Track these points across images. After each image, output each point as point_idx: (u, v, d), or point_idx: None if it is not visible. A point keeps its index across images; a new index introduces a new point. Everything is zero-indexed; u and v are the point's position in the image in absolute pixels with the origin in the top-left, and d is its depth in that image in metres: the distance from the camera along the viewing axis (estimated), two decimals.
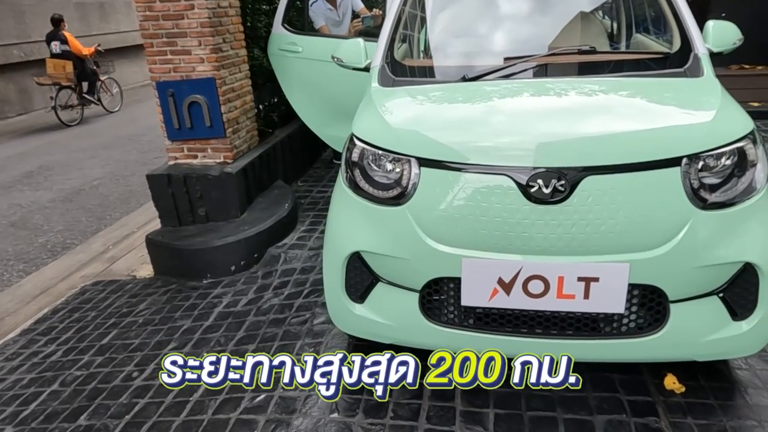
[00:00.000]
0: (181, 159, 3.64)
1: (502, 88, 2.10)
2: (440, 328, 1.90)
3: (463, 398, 2.09)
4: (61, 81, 8.85)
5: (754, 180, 1.75)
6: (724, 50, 2.31)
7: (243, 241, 3.33)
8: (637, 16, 2.80)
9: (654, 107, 1.92)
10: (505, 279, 1.75)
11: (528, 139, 1.75)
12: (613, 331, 1.82)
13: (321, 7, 4.48)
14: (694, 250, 1.68)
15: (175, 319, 2.94)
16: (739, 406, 1.97)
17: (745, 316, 1.78)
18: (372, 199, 1.93)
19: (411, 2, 2.66)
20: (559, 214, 1.68)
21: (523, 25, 2.55)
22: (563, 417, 1.96)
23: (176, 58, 3.38)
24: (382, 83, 2.32)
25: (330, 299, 2.09)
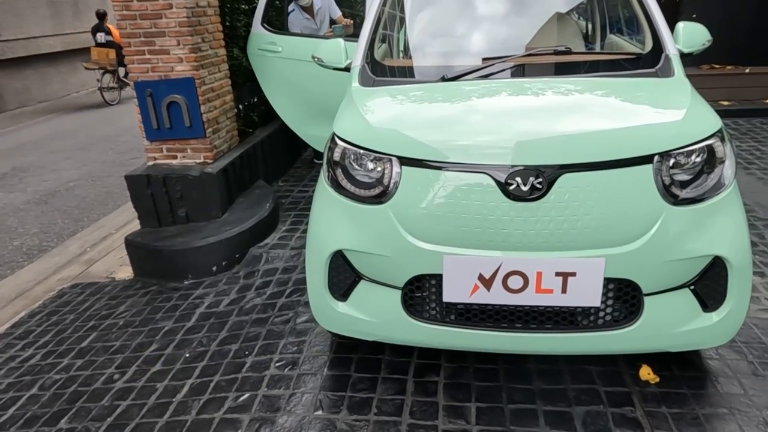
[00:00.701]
0: (161, 159, 3.61)
1: (480, 87, 2.14)
2: (422, 325, 1.93)
3: (445, 393, 2.12)
4: (106, 66, 10.30)
5: (723, 176, 1.81)
6: (693, 51, 2.38)
7: (224, 242, 3.32)
8: (611, 17, 2.87)
9: (627, 106, 1.97)
10: (485, 275, 1.79)
11: (506, 137, 1.79)
12: (590, 324, 1.87)
13: (298, 17, 4.51)
14: (666, 244, 1.74)
15: (156, 321, 2.92)
16: (711, 395, 2.04)
17: (715, 308, 1.85)
18: (354, 197, 1.95)
19: (390, 3, 2.68)
20: (537, 211, 1.72)
21: (500, 26, 2.60)
22: (543, 409, 2.01)
23: (154, 58, 3.35)
24: (362, 83, 2.34)
25: (313, 298, 2.10)
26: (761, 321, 2.45)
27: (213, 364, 2.45)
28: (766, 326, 2.42)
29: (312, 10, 4.56)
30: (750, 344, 2.30)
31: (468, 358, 2.30)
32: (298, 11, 4.49)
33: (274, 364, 2.38)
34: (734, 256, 1.79)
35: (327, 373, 2.29)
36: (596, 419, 1.95)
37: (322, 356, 2.40)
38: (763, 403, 1.98)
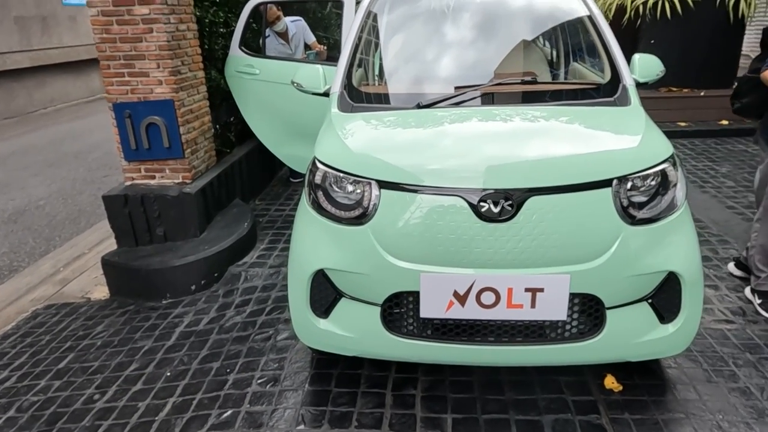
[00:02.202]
0: (138, 179, 3.64)
1: (453, 115, 2.28)
2: (401, 340, 2.03)
3: (423, 405, 2.22)
4: None
5: (675, 198, 1.98)
6: (648, 81, 2.57)
7: (203, 260, 3.36)
8: (574, 46, 3.07)
9: (589, 133, 2.14)
10: (459, 291, 1.90)
11: (478, 162, 1.92)
12: (557, 336, 2.00)
13: (273, 42, 4.66)
14: (625, 261, 1.89)
15: (135, 341, 2.93)
16: (669, 401, 2.19)
17: (670, 320, 2.00)
18: (335, 219, 2.05)
19: (367, 31, 2.81)
20: (507, 231, 1.85)
21: (471, 55, 2.75)
22: (515, 418, 2.13)
23: (134, 80, 3.40)
24: (341, 109, 2.45)
25: (295, 315, 2.18)
26: (715, 331, 2.63)
27: (195, 382, 2.49)
28: (719, 336, 2.60)
29: (287, 36, 4.71)
30: (705, 353, 2.47)
31: (444, 371, 2.40)
32: (274, 37, 4.64)
33: (256, 381, 2.43)
34: (687, 271, 1.95)
35: (308, 388, 2.36)
36: (564, 427, 2.07)
37: (303, 372, 2.46)
38: (716, 407, 2.14)
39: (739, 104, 2.87)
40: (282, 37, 4.66)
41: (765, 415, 2.09)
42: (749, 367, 2.37)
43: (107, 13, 3.28)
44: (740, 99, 2.86)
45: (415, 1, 2.93)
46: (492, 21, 2.84)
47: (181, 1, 3.49)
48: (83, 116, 10.81)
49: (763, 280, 2.75)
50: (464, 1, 2.90)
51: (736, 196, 4.49)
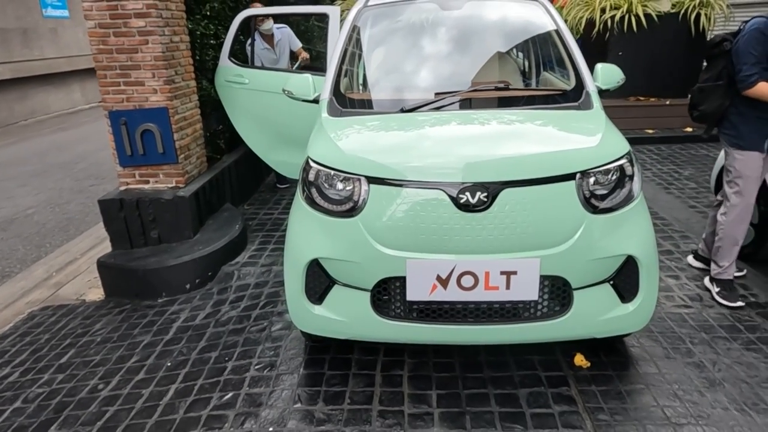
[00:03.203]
0: (133, 184, 3.79)
1: (434, 118, 2.50)
2: (389, 322, 2.22)
3: (409, 383, 2.41)
4: None
5: (632, 190, 2.22)
6: (610, 88, 2.83)
7: (197, 260, 3.52)
8: (543, 56, 3.33)
9: (555, 133, 2.38)
10: (442, 276, 2.10)
11: (457, 159, 2.14)
12: (530, 316, 2.21)
13: (258, 46, 4.83)
14: (588, 246, 2.12)
15: (134, 336, 3.07)
16: (632, 375, 2.42)
17: (630, 299, 2.23)
18: (327, 212, 2.24)
19: (353, 42, 3.04)
20: (483, 220, 2.07)
21: (449, 65, 2.99)
22: (493, 392, 2.33)
23: (130, 89, 3.57)
24: (331, 113, 2.66)
25: (291, 302, 2.36)
26: (674, 315, 2.88)
27: (195, 370, 2.65)
28: (678, 319, 2.85)
29: (272, 41, 4.89)
30: (664, 334, 2.71)
31: (427, 353, 2.60)
32: (259, 41, 4.78)
33: (254, 367, 2.60)
34: (643, 255, 2.19)
35: (303, 372, 2.54)
36: (538, 398, 2.29)
37: (297, 358, 2.64)
38: (673, 379, 2.38)
39: (697, 113, 3.08)
40: (267, 42, 4.84)
41: (716, 384, 2.33)
42: (704, 344, 2.62)
43: (104, 25, 3.45)
44: (697, 108, 3.08)
45: (397, 16, 3.17)
46: (468, 34, 3.09)
47: (174, 14, 3.68)
48: (66, 128, 10.85)
49: (723, 270, 3.01)
50: (441, 15, 3.15)
51: (698, 197, 4.80)
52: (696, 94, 3.08)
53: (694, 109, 3.12)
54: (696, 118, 3.13)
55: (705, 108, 3.01)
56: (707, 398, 2.24)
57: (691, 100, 3.13)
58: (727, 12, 7.27)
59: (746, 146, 2.88)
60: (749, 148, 2.88)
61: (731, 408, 2.19)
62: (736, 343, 2.63)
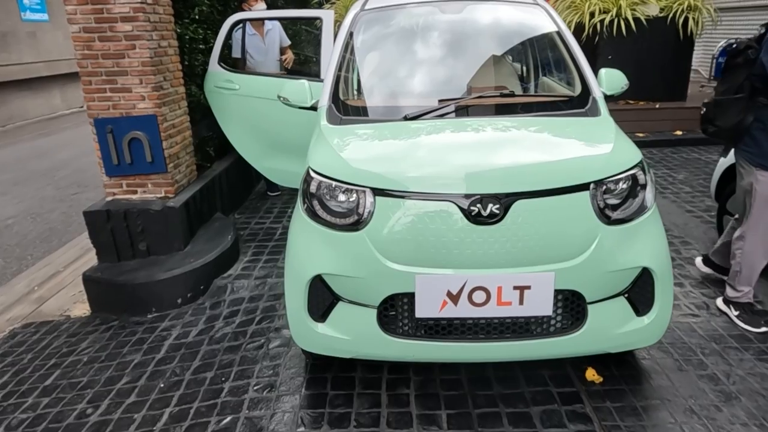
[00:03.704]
0: (120, 194, 3.65)
1: (440, 126, 2.41)
2: (396, 340, 2.12)
3: (417, 403, 2.31)
4: None
5: (645, 200, 2.15)
6: (614, 93, 2.77)
7: (189, 273, 3.39)
8: (542, 61, 3.27)
9: (566, 142, 2.30)
10: (452, 291, 2.01)
11: (467, 170, 2.06)
12: (543, 331, 2.13)
13: (247, 32, 4.64)
14: (604, 258, 2.04)
15: (123, 355, 2.93)
16: (645, 389, 2.35)
17: (645, 312, 2.16)
18: (331, 226, 2.14)
19: (351, 47, 2.94)
20: (496, 233, 1.98)
21: (452, 69, 2.90)
22: (505, 411, 2.24)
23: (116, 96, 3.43)
24: (330, 121, 2.56)
25: (292, 320, 2.25)
26: (682, 324, 2.82)
27: (190, 392, 2.52)
28: (686, 329, 2.79)
29: (262, 28, 4.72)
30: (674, 345, 2.65)
31: (433, 370, 2.51)
32: (249, 26, 4.61)
33: (252, 388, 2.48)
34: (658, 266, 2.12)
35: (305, 392, 2.42)
36: (552, 417, 2.20)
37: (298, 377, 2.53)
38: (688, 392, 2.31)
39: (713, 128, 2.81)
40: (257, 29, 4.69)
41: (732, 398, 2.27)
42: (715, 355, 2.56)
43: (89, 29, 3.31)
44: (713, 123, 2.81)
45: (396, 20, 3.08)
46: (470, 39, 3.01)
47: (162, 18, 3.55)
48: (47, 134, 10.57)
49: (741, 295, 2.83)
50: (441, 19, 3.07)
51: (694, 201, 4.78)
52: (711, 108, 2.81)
53: (709, 124, 2.84)
54: (711, 135, 2.87)
55: (722, 123, 2.74)
56: (725, 413, 2.18)
57: (706, 114, 2.86)
58: (714, 16, 7.32)
59: None
60: None
61: (750, 424, 2.12)
62: (747, 353, 2.57)
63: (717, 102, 2.76)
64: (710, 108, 2.82)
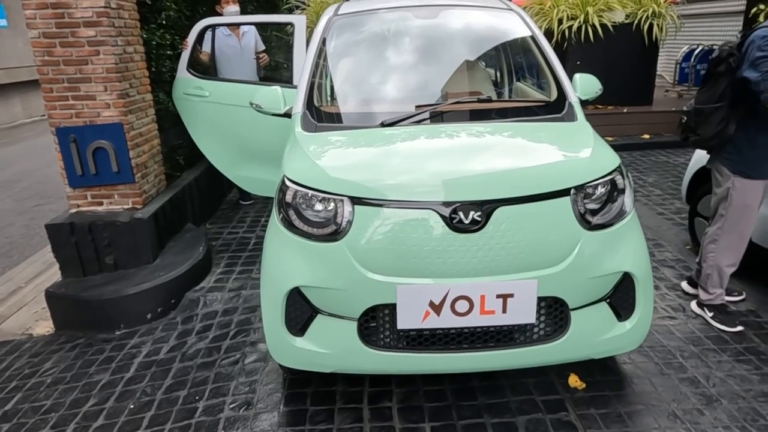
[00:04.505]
0: (85, 206, 3.50)
1: (418, 132, 2.37)
2: (378, 353, 2.06)
3: (400, 416, 2.25)
4: None
5: (625, 204, 2.15)
6: (589, 98, 2.78)
7: (159, 287, 3.26)
8: (517, 65, 3.27)
9: (546, 147, 2.29)
10: (435, 301, 1.96)
11: (448, 177, 2.01)
12: (526, 340, 2.10)
13: (219, 36, 4.52)
14: (586, 264, 2.02)
15: (90, 375, 2.79)
16: (629, 395, 2.34)
17: (627, 317, 2.15)
18: (308, 236, 2.06)
19: (325, 54, 2.88)
20: (478, 241, 1.94)
21: (429, 74, 2.87)
22: (491, 422, 2.20)
23: (79, 104, 3.29)
24: (305, 128, 2.48)
25: (269, 335, 2.16)
26: (660, 327, 2.84)
27: (162, 413, 2.40)
28: (665, 332, 2.81)
29: (238, 30, 4.59)
30: (654, 348, 2.66)
31: (416, 381, 2.45)
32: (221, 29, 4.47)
33: (228, 406, 2.38)
34: (639, 271, 2.12)
35: (283, 409, 2.34)
36: (537, 426, 2.17)
37: (276, 393, 2.44)
38: (670, 397, 2.31)
39: (695, 137, 2.75)
40: (233, 30, 4.55)
41: (713, 401, 2.28)
42: (694, 358, 2.57)
43: (50, 35, 3.17)
44: (694, 132, 2.75)
45: (370, 25, 3.03)
46: (446, 44, 2.98)
47: (128, 23, 3.43)
48: (7, 143, 10.18)
49: (713, 297, 2.85)
50: (416, 24, 3.04)
51: (665, 203, 4.86)
52: (692, 117, 2.75)
53: (691, 133, 2.77)
54: (693, 144, 2.82)
55: (704, 132, 2.68)
56: (707, 417, 2.18)
57: (686, 123, 2.80)
58: (677, 23, 7.52)
59: (753, 174, 2.62)
60: (756, 177, 2.62)
61: (733, 426, 2.13)
62: (725, 354, 2.59)
63: (698, 111, 2.71)
64: (691, 117, 2.76)
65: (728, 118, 2.59)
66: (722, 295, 2.87)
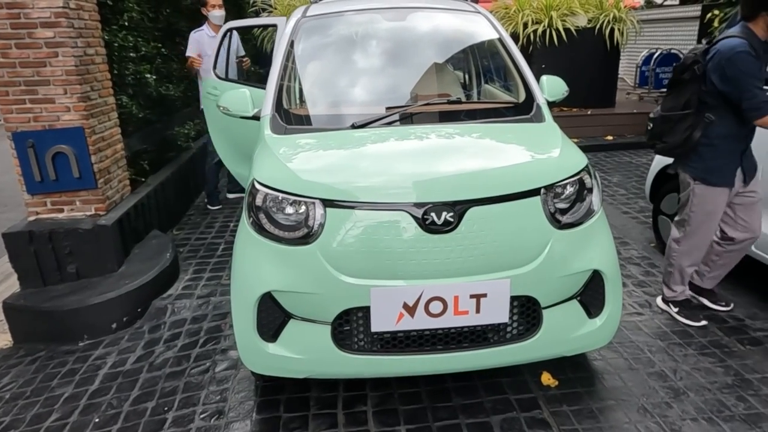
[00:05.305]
0: (44, 214, 3.37)
1: (390, 134, 2.36)
2: (352, 356, 2.03)
3: (375, 420, 2.23)
4: None
5: (593, 203, 2.19)
6: (556, 100, 2.82)
7: (124, 296, 3.16)
8: (485, 67, 3.30)
9: (515, 148, 2.31)
10: (409, 303, 1.95)
11: (421, 178, 2.01)
12: (500, 339, 2.11)
13: (203, 37, 4.64)
14: (556, 262, 2.05)
15: (52, 388, 2.68)
16: (600, 390, 2.37)
17: (597, 314, 2.19)
18: (279, 240, 2.03)
19: (294, 56, 2.84)
20: (451, 241, 1.94)
21: (399, 76, 2.87)
22: (466, 422, 2.20)
23: (37, 107, 3.17)
24: (275, 131, 2.45)
25: (241, 342, 2.12)
26: (629, 323, 2.90)
27: (129, 425, 2.32)
28: (633, 327, 2.87)
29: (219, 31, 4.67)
30: (623, 344, 2.71)
31: (391, 385, 2.44)
32: (207, 29, 4.64)
33: (199, 416, 2.32)
34: (608, 268, 2.16)
35: (256, 417, 2.29)
36: (512, 425, 2.18)
37: (248, 401, 2.39)
38: (640, 391, 2.36)
39: (662, 144, 2.75)
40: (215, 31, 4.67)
41: (680, 393, 2.33)
42: (662, 352, 2.63)
43: (5, 36, 3.04)
44: (661, 139, 2.75)
45: (339, 27, 3.02)
46: (415, 46, 2.99)
47: (88, 24, 3.33)
48: None
49: (678, 294, 2.92)
50: (386, 27, 3.03)
51: (629, 203, 4.99)
52: (659, 124, 2.74)
53: (657, 139, 2.78)
54: (659, 151, 2.81)
55: (670, 140, 2.69)
56: (675, 410, 2.23)
57: (653, 130, 2.79)
58: (638, 27, 7.74)
59: (715, 181, 2.62)
60: (718, 184, 2.62)
61: (699, 418, 2.18)
62: (690, 348, 2.66)
63: (664, 118, 2.71)
64: (657, 124, 2.76)
65: (694, 125, 2.59)
66: (685, 292, 2.95)
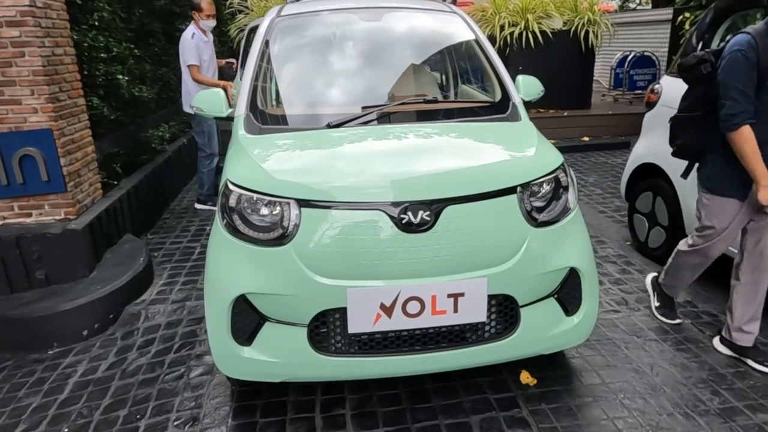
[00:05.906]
0: (12, 218, 3.26)
1: (365, 133, 2.34)
2: (329, 358, 2.00)
3: (354, 423, 2.20)
4: None
5: (569, 201, 2.19)
6: (531, 99, 2.84)
7: (95, 302, 3.07)
8: (461, 67, 3.30)
9: (492, 146, 2.31)
10: (386, 303, 1.93)
11: (397, 177, 2.00)
12: (478, 338, 2.10)
13: (200, 42, 4.66)
14: (533, 261, 2.05)
15: (19, 399, 2.59)
16: (578, 388, 2.38)
17: (574, 312, 2.19)
18: (253, 241, 1.99)
19: (269, 56, 2.81)
20: (428, 240, 1.93)
21: (374, 76, 2.85)
22: (445, 423, 2.19)
23: (3, 109, 3.07)
24: (249, 131, 2.41)
25: (215, 346, 2.07)
26: (605, 320, 2.92)
27: None
28: (609, 324, 2.89)
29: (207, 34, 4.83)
30: (601, 341, 2.73)
31: (370, 387, 2.41)
32: (200, 34, 4.68)
33: (173, 424, 2.26)
34: (584, 266, 2.17)
35: (232, 423, 2.24)
36: (491, 424, 2.17)
37: (224, 407, 2.33)
38: (618, 387, 2.37)
39: (675, 147, 2.60)
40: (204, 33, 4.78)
41: (657, 389, 2.35)
42: (638, 349, 2.66)
43: None
44: (674, 141, 2.60)
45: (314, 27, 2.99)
46: (390, 46, 2.98)
47: (56, 24, 3.24)
48: None
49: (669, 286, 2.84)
50: (361, 27, 3.02)
51: (605, 202, 5.05)
52: (673, 125, 2.60)
53: (672, 141, 2.62)
54: (674, 153, 2.64)
55: (682, 142, 2.54)
56: (652, 405, 2.25)
57: (670, 131, 2.63)
58: (612, 30, 7.86)
59: (718, 191, 2.44)
60: (721, 194, 2.43)
61: (676, 413, 2.20)
62: (666, 344, 2.69)
63: (677, 119, 2.57)
64: (672, 125, 2.61)
65: (704, 128, 2.44)
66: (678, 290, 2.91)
